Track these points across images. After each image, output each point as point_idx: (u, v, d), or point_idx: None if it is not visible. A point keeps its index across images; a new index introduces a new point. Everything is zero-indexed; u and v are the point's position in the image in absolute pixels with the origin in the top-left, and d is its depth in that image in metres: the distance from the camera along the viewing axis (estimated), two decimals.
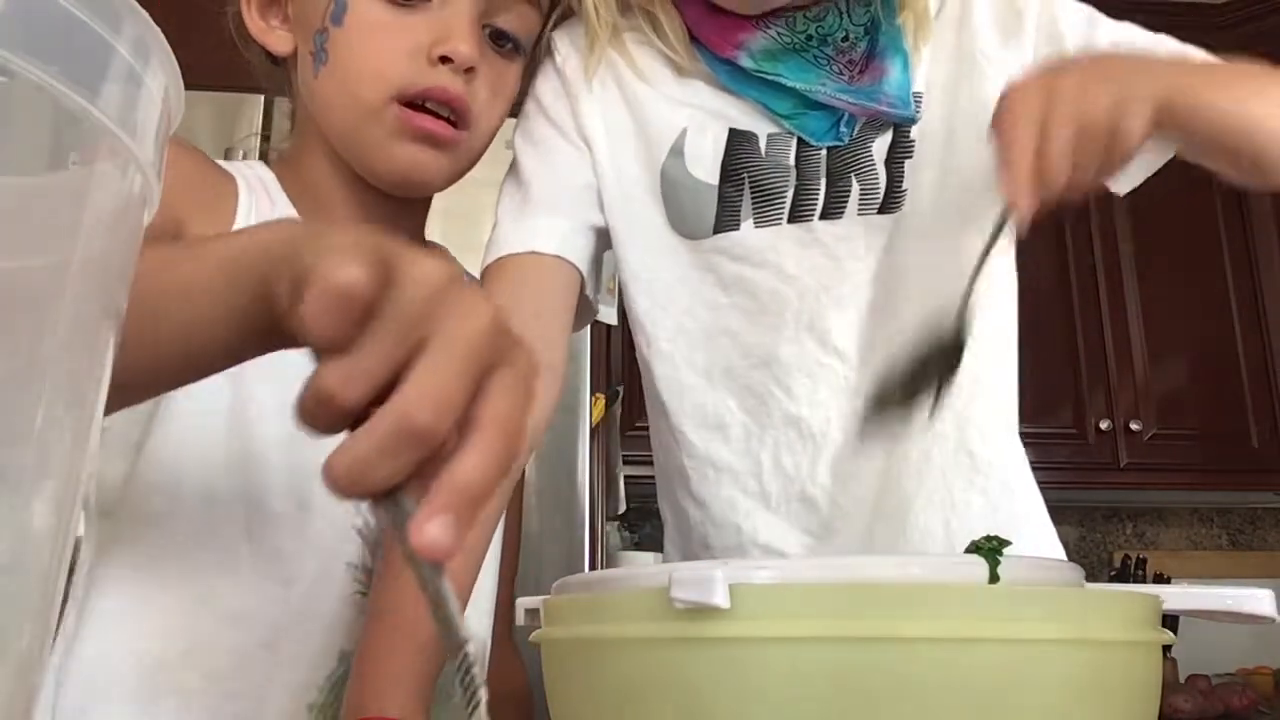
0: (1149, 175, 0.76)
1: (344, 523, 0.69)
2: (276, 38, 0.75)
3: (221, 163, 0.75)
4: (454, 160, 0.74)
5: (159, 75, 0.27)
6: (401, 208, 0.79)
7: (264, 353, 0.43)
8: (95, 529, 0.67)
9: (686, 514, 0.83)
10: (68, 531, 0.26)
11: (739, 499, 0.79)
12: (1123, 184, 0.76)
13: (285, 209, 0.74)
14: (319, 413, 0.34)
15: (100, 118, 0.24)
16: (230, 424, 0.67)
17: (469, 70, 0.71)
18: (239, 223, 0.70)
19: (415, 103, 0.71)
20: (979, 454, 0.77)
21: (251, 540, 0.66)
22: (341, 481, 0.34)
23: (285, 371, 0.69)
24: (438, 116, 0.71)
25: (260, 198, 0.73)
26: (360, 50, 0.71)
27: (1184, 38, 0.71)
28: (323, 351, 0.34)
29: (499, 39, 0.75)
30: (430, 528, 0.33)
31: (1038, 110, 0.59)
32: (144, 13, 0.25)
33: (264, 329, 0.41)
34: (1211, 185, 2.40)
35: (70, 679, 0.64)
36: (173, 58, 0.27)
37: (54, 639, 0.65)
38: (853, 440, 0.77)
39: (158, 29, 0.26)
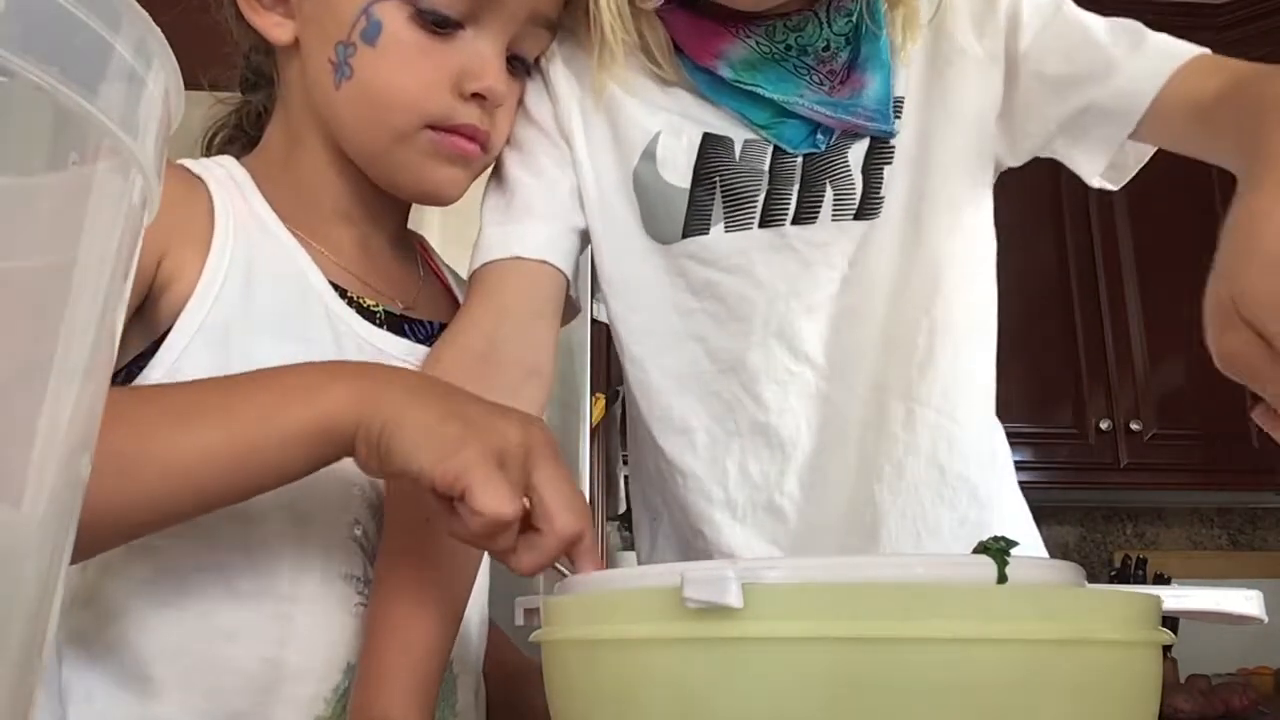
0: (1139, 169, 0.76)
1: (342, 535, 0.69)
2: (273, 24, 0.74)
3: (187, 162, 0.74)
4: (472, 176, 0.76)
5: (160, 75, 0.27)
6: (392, 205, 0.79)
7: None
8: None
9: (660, 516, 0.83)
10: (67, 532, 0.26)
11: (704, 506, 0.78)
12: (1119, 178, 0.76)
13: (260, 208, 0.73)
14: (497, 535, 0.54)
15: (100, 118, 0.24)
16: None
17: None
18: (218, 224, 0.69)
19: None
20: (949, 467, 0.76)
21: (249, 558, 0.66)
22: (536, 571, 0.56)
23: None
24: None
25: (233, 197, 0.72)
26: (392, 76, 0.70)
27: (1184, 38, 0.71)
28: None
29: (512, 59, 0.75)
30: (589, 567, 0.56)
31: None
32: (144, 12, 0.25)
33: (321, 466, 0.58)
34: (1212, 184, 2.40)
35: (72, 702, 0.64)
36: (173, 57, 0.27)
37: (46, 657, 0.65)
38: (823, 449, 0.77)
39: (158, 29, 0.26)
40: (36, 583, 0.25)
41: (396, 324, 0.75)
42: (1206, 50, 0.70)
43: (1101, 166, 0.74)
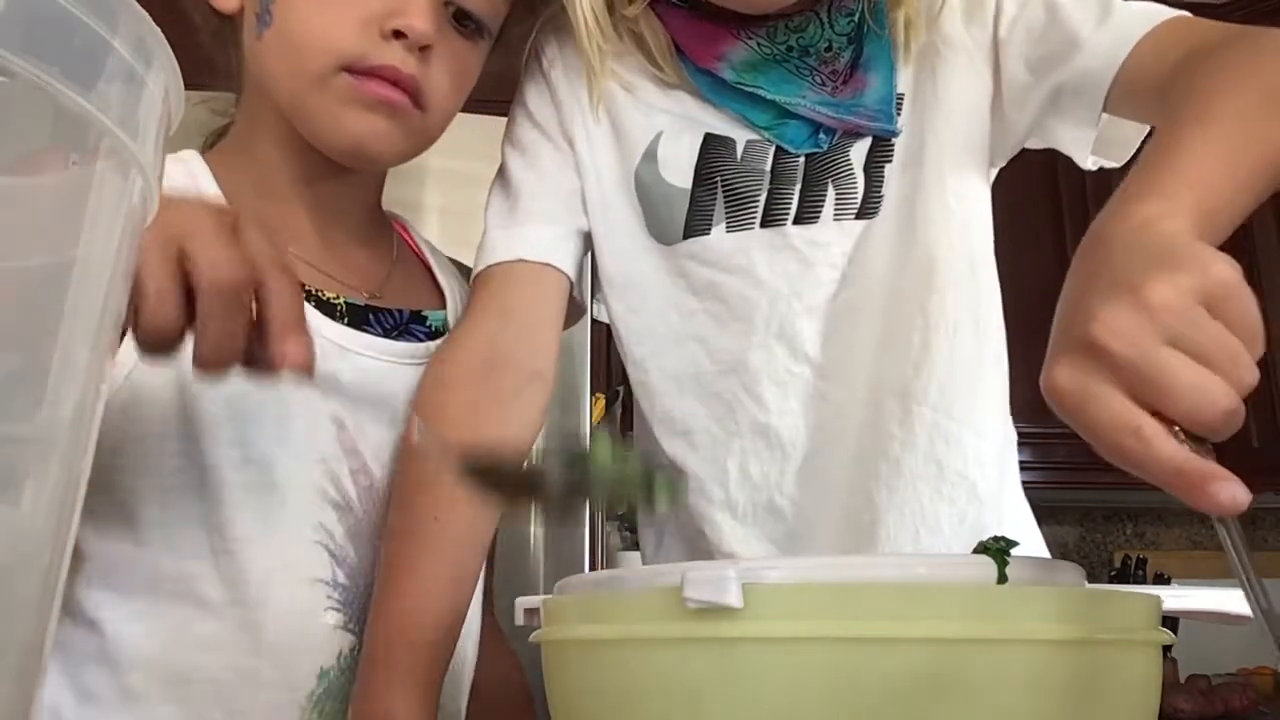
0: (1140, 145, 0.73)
1: (309, 539, 0.68)
2: None
3: None
4: (406, 135, 0.71)
5: (159, 75, 0.27)
6: (352, 184, 0.76)
7: None
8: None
9: (668, 515, 0.83)
10: (68, 532, 0.26)
11: (705, 507, 0.78)
12: (1120, 154, 0.74)
13: (217, 203, 0.70)
14: (164, 344, 0.45)
15: (100, 118, 0.24)
16: (182, 449, 0.65)
17: (424, 49, 0.68)
18: None
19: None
20: (947, 464, 0.75)
21: (217, 566, 0.65)
22: (213, 362, 0.45)
23: (234, 386, 0.67)
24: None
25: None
26: (308, 17, 0.67)
27: None
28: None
29: (462, 19, 0.72)
30: (290, 351, 0.46)
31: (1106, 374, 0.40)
32: (144, 13, 0.25)
33: None
34: None
35: (46, 715, 0.63)
36: (173, 58, 0.27)
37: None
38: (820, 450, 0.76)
39: (158, 29, 0.26)
40: (37, 582, 0.25)
41: (360, 315, 0.73)
42: (1176, 13, 0.68)
43: (1087, 148, 0.72)
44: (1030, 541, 0.80)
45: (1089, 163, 0.74)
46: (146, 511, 0.65)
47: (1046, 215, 2.56)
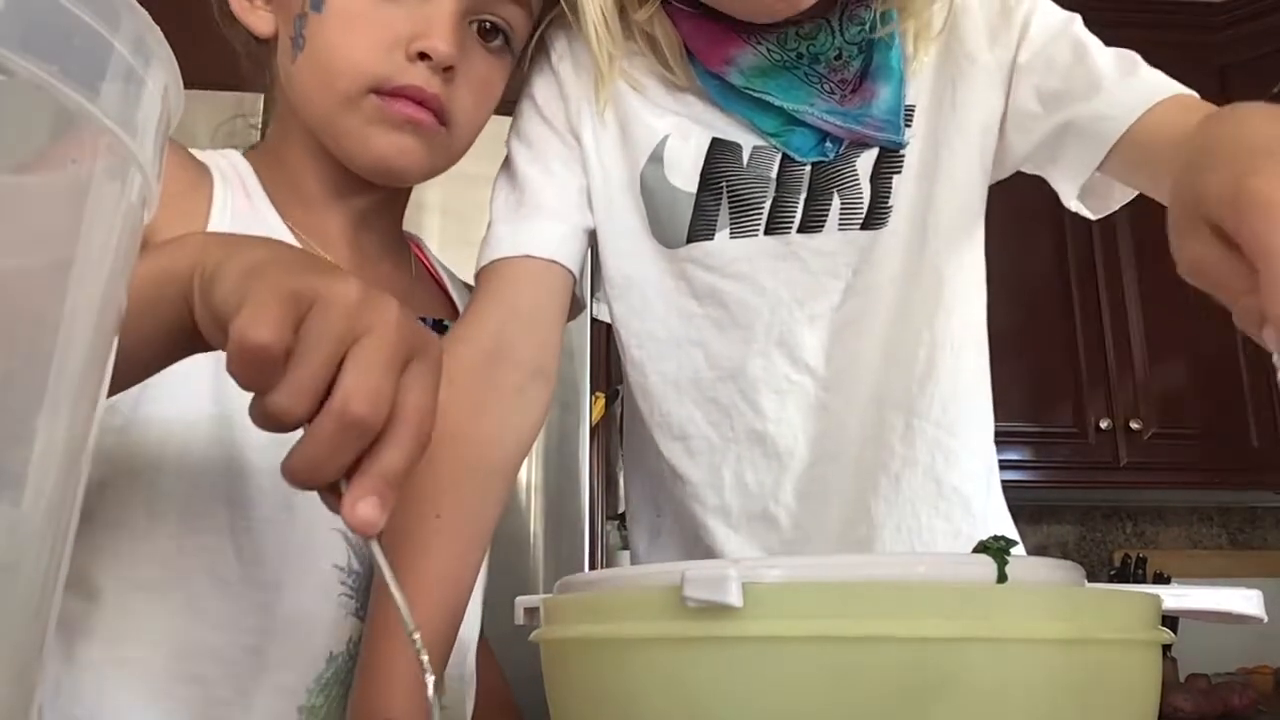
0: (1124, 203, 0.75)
1: (327, 525, 0.68)
2: (258, 18, 0.74)
3: (195, 152, 0.74)
4: (432, 152, 0.73)
5: (159, 74, 0.27)
6: (380, 199, 0.78)
7: (189, 354, 0.49)
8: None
9: (665, 513, 0.83)
10: (67, 531, 0.26)
11: (700, 512, 0.78)
12: (1099, 207, 0.76)
13: (261, 202, 0.73)
14: (275, 425, 0.41)
15: (100, 117, 0.24)
16: (211, 429, 0.66)
17: (448, 69, 0.70)
18: (214, 216, 0.69)
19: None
20: (945, 480, 0.76)
21: (235, 545, 0.65)
22: (300, 477, 0.42)
23: None
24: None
25: (236, 191, 0.72)
26: (337, 40, 0.69)
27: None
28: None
29: (487, 35, 0.74)
30: (361, 507, 0.42)
31: None
32: (144, 12, 0.25)
33: (186, 338, 0.47)
34: None
35: (60, 690, 0.63)
36: (173, 57, 0.27)
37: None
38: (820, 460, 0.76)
39: (157, 28, 0.26)
40: (37, 581, 0.25)
41: None
42: (1193, 92, 0.70)
43: (1075, 188, 0.74)
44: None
45: (1072, 203, 0.75)
46: (166, 483, 0.65)
47: (1047, 215, 2.56)
